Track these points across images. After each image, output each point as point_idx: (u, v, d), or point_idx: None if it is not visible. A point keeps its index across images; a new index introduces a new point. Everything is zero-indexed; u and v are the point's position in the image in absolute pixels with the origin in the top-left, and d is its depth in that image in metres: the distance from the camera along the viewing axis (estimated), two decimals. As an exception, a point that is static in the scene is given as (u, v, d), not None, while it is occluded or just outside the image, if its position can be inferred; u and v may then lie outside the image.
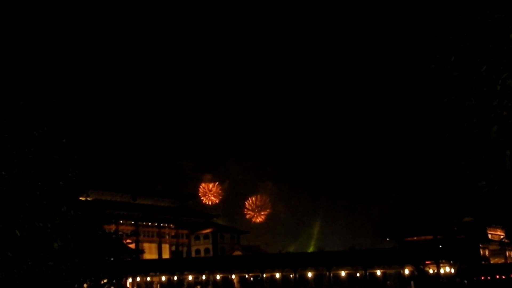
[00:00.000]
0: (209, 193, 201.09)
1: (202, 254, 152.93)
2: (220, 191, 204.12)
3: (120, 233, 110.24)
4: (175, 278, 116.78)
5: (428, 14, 11.37)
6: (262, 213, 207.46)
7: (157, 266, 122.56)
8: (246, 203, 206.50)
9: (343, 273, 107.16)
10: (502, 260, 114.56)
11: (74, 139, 17.07)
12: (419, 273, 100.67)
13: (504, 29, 10.30)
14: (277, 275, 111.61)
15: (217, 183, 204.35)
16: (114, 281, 23.28)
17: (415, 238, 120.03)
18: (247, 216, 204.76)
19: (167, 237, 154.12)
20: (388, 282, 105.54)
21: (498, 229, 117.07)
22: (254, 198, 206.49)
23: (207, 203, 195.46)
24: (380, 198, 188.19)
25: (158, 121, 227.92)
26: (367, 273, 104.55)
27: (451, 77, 10.64)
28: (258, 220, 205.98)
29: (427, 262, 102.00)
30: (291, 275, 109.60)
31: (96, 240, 20.21)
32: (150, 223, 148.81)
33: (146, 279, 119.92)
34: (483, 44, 10.48)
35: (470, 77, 10.30)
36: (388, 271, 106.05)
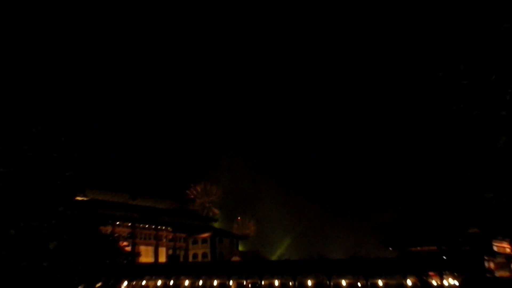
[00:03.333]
0: (206, 199, 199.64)
1: (200, 259, 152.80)
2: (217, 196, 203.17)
3: (116, 235, 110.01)
4: (171, 282, 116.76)
5: (437, 22, 11.46)
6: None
7: (153, 270, 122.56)
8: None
9: (344, 282, 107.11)
10: (508, 274, 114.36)
11: (73, 137, 17.10)
12: (422, 285, 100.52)
13: (515, 39, 10.36)
14: (276, 283, 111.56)
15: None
16: (109, 283, 23.21)
17: (418, 248, 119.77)
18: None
19: (164, 240, 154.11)
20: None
21: (504, 242, 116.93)
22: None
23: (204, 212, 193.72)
24: (384, 206, 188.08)
25: (158, 121, 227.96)
26: (369, 283, 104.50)
27: (459, 85, 10.70)
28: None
29: (430, 273, 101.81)
30: (290, 283, 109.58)
31: (93, 242, 20.25)
32: (147, 225, 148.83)
33: (142, 283, 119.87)
34: (493, 53, 10.52)
35: (478, 86, 10.37)
36: (390, 282, 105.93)
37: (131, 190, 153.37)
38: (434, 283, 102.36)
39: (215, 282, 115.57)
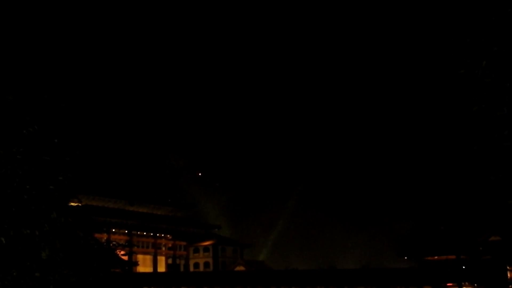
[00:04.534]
0: None
1: (201, 268, 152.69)
2: None
3: (113, 242, 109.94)
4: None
5: (458, 14, 11.29)
6: None
7: (152, 279, 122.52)
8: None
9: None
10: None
11: (66, 139, 17.10)
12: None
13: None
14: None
15: None
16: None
17: (435, 257, 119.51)
18: None
19: (163, 248, 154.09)
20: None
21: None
22: None
23: None
24: (399, 212, 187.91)
25: (158, 123, 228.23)
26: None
27: (482, 83, 10.56)
28: None
29: (448, 284, 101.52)
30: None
31: (87, 250, 20.26)
32: (145, 233, 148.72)
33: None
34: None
35: (503, 85, 10.23)
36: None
37: (129, 195, 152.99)
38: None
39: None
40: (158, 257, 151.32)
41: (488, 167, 11.18)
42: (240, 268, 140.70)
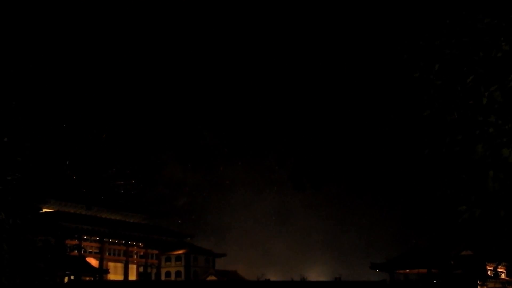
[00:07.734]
0: None
1: (173, 278, 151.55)
2: None
3: (83, 249, 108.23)
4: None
5: (412, 17, 11.10)
6: None
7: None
8: None
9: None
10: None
11: (17, 138, 16.55)
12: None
13: (496, 36, 10.00)
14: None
15: None
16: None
17: (407, 271, 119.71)
18: None
19: (134, 256, 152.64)
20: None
21: (499, 265, 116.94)
22: None
23: None
24: (372, 225, 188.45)
25: (136, 122, 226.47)
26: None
27: (434, 86, 10.30)
28: None
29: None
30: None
31: (37, 252, 19.74)
32: (116, 240, 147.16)
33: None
34: (472, 51, 10.17)
35: (454, 88, 9.98)
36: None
37: (86, 199, 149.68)
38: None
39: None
40: (130, 265, 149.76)
41: (440, 171, 10.91)
42: (212, 278, 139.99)
